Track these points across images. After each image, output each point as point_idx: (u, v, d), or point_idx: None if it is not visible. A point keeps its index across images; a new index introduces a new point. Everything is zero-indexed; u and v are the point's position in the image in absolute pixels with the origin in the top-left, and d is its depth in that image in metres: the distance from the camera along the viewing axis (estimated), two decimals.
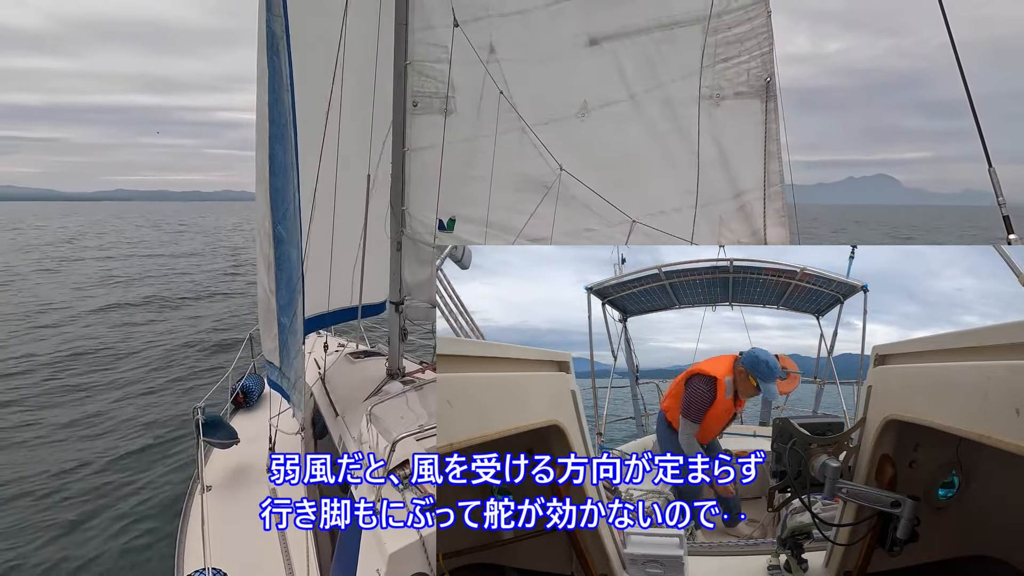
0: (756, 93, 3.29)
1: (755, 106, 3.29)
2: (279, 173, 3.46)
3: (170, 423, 7.79)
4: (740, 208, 3.46)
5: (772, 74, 3.25)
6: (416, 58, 4.05)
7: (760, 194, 3.39)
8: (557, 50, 3.68)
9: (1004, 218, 2.06)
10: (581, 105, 3.69)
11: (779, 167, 3.35)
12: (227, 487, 3.85)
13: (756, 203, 3.41)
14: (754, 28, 3.23)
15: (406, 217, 4.32)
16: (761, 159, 3.34)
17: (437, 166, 4.04)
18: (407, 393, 3.96)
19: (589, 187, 3.70)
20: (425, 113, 4.11)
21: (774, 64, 3.25)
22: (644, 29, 3.47)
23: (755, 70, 3.27)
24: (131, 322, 14.73)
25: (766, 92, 3.27)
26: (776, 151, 3.34)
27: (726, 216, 3.50)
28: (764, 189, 3.38)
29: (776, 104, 3.27)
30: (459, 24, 3.80)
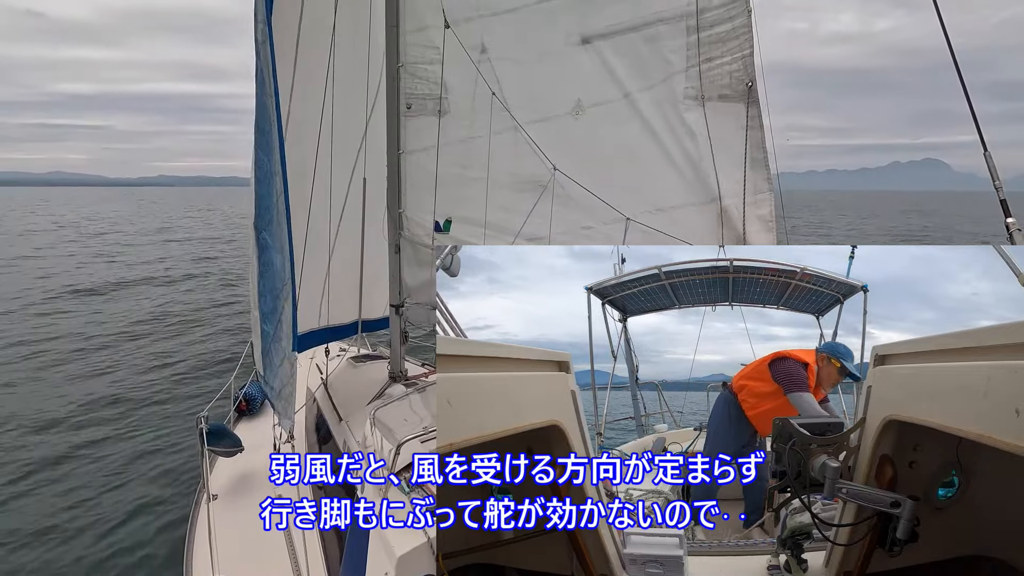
0: (739, 97, 3.28)
1: (740, 110, 3.29)
2: (263, 180, 3.48)
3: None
4: (724, 211, 3.48)
5: (753, 79, 3.24)
6: (408, 60, 4.04)
7: (740, 200, 3.40)
8: (549, 49, 3.68)
9: (1001, 202, 2.06)
10: (575, 104, 3.69)
11: (767, 174, 3.36)
12: (233, 495, 3.85)
13: (736, 210, 3.43)
14: (735, 28, 3.22)
15: (403, 220, 4.32)
16: (739, 165, 3.35)
17: (432, 168, 4.04)
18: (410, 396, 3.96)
19: (583, 186, 3.70)
20: (419, 115, 4.11)
21: (755, 68, 3.23)
22: (633, 27, 3.47)
23: (737, 73, 3.26)
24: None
25: (747, 97, 3.26)
26: (762, 158, 3.34)
27: (712, 219, 3.52)
28: (743, 197, 3.38)
29: (759, 110, 3.26)
30: (450, 25, 3.79)
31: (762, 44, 3.21)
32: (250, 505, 3.66)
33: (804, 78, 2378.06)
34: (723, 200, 3.45)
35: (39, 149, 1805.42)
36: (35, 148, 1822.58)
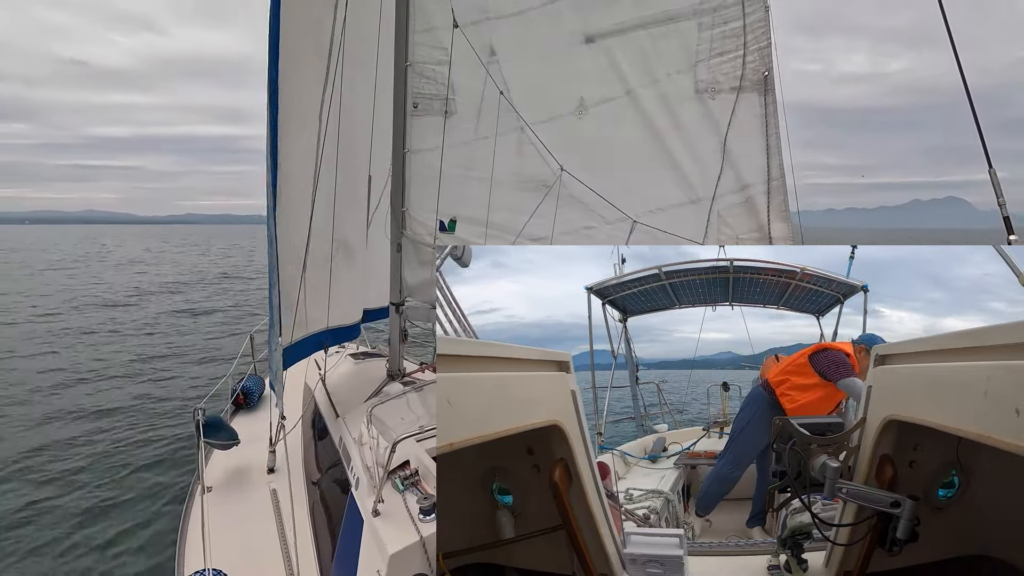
0: (754, 87, 3.28)
1: (753, 100, 3.28)
2: (270, 181, 3.69)
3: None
4: (744, 202, 3.43)
5: (771, 68, 3.24)
6: (416, 60, 4.05)
7: (764, 188, 3.37)
8: (554, 49, 3.69)
9: (1004, 219, 2.06)
10: (578, 103, 3.70)
11: (780, 161, 3.35)
12: (227, 488, 3.85)
13: (760, 197, 3.39)
14: (752, 23, 3.22)
15: (406, 218, 4.32)
16: (761, 152, 3.33)
17: (437, 167, 4.05)
18: (407, 394, 3.97)
19: (588, 186, 3.70)
20: (425, 115, 4.11)
21: (773, 58, 3.24)
22: (639, 24, 3.47)
23: (753, 63, 3.26)
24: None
25: (764, 86, 3.27)
26: (777, 145, 3.34)
27: (728, 212, 3.48)
28: (768, 183, 3.36)
29: (775, 98, 3.27)
30: (459, 26, 3.80)
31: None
32: (244, 498, 3.67)
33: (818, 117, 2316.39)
34: (745, 191, 3.42)
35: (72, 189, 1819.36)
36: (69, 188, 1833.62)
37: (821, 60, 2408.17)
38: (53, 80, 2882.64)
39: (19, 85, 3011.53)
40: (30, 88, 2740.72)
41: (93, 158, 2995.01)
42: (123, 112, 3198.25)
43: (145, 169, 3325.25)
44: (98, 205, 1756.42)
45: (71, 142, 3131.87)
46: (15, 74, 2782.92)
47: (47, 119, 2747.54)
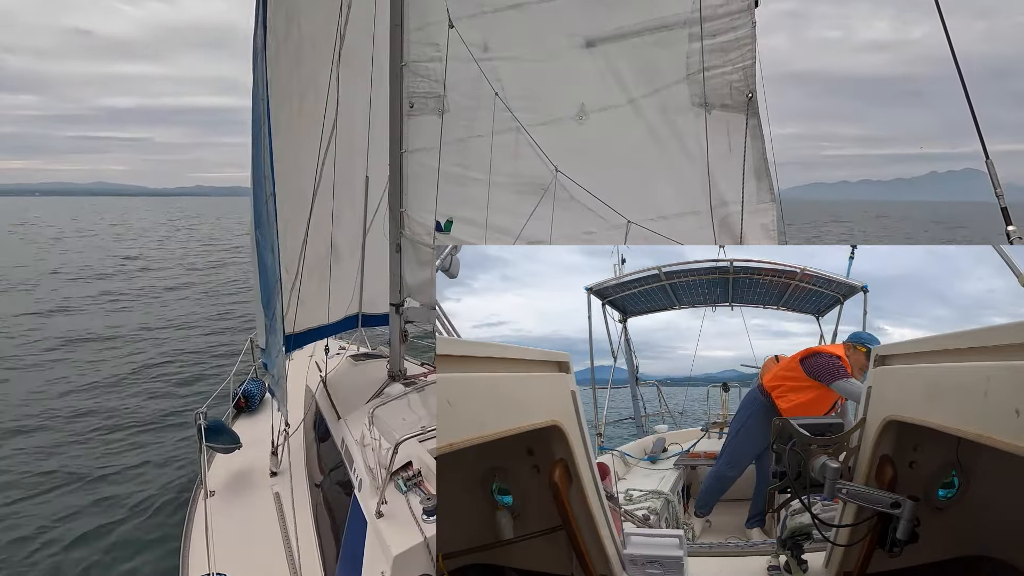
0: (739, 107, 3.29)
1: (740, 120, 3.30)
2: (256, 182, 3.67)
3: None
4: (724, 219, 3.49)
5: (754, 90, 3.25)
6: (411, 58, 4.03)
7: (740, 208, 3.42)
8: (553, 51, 3.67)
9: (1002, 210, 2.06)
10: (579, 107, 3.69)
11: (769, 184, 3.38)
12: (230, 492, 3.85)
13: (736, 217, 3.44)
14: (738, 38, 3.23)
15: (404, 219, 4.31)
16: (748, 174, 3.36)
17: (433, 166, 4.04)
18: (409, 395, 3.96)
19: (587, 189, 3.70)
20: (421, 114, 4.10)
21: (756, 79, 3.25)
22: (637, 31, 3.47)
23: (737, 83, 3.28)
24: None
25: (747, 108, 3.27)
26: (764, 168, 3.36)
27: (713, 227, 3.54)
28: (742, 206, 3.40)
29: (759, 121, 3.28)
30: (454, 24, 3.78)
31: (791, 52, 3.01)
32: (247, 501, 3.67)
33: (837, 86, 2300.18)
34: (725, 208, 3.46)
35: (83, 160, 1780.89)
36: (79, 159, 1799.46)
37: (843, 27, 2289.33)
38: (59, 51, 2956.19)
39: (30, 57, 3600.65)
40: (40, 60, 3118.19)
41: (101, 130, 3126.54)
42: (130, 83, 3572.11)
43: (152, 141, 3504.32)
44: (108, 177, 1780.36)
45: (80, 113, 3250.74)
46: (26, 46, 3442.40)
47: (55, 91, 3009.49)
